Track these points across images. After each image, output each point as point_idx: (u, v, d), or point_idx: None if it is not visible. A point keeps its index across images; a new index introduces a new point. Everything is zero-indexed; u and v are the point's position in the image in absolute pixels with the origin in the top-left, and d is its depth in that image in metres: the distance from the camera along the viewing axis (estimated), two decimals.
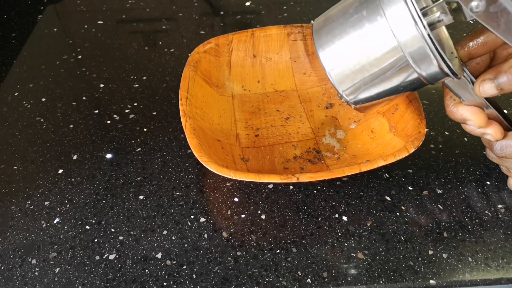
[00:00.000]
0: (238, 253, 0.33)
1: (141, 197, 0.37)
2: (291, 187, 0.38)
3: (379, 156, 0.35)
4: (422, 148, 0.39)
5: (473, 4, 0.25)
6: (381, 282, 0.31)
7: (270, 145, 0.41)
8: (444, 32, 0.33)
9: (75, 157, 0.41)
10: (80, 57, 0.54)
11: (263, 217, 0.35)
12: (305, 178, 0.32)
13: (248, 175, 0.32)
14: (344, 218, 0.35)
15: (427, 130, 0.42)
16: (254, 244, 0.33)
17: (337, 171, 0.32)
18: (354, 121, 0.43)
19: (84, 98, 0.47)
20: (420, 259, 0.32)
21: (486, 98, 0.31)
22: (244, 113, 0.44)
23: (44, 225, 0.35)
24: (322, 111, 0.45)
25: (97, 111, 0.46)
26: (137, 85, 0.49)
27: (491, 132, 0.32)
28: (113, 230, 0.34)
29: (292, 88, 0.47)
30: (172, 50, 0.55)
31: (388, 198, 0.37)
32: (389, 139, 0.38)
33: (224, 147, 0.39)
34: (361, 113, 0.42)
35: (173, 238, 0.34)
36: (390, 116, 0.39)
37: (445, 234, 0.34)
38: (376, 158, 0.34)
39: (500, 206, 0.36)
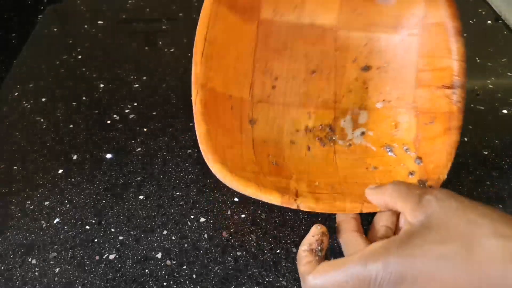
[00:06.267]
0: (238, 253, 0.33)
1: (141, 197, 0.37)
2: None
3: (389, 178, 0.32)
4: None
5: None
6: None
7: (285, 105, 0.36)
8: None
9: (75, 157, 0.41)
10: (80, 57, 0.54)
11: (263, 216, 0.35)
12: (305, 207, 0.29)
13: (248, 185, 0.30)
14: None
15: None
16: (254, 244, 0.33)
17: (338, 205, 0.30)
18: (384, 100, 0.37)
19: (84, 98, 0.47)
20: None
21: None
22: (267, 50, 0.37)
23: (44, 225, 0.35)
24: (356, 70, 0.37)
25: (97, 111, 0.46)
26: (137, 85, 0.49)
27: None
28: (113, 230, 0.34)
29: (332, 24, 0.38)
30: (172, 50, 0.55)
31: None
32: (404, 153, 0.34)
33: (234, 107, 0.35)
34: (393, 95, 0.36)
35: (173, 238, 0.34)
36: (422, 124, 0.34)
37: None
38: (383, 175, 0.32)
39: (500, 206, 0.36)
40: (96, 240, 0.34)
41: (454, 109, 0.32)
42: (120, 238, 0.34)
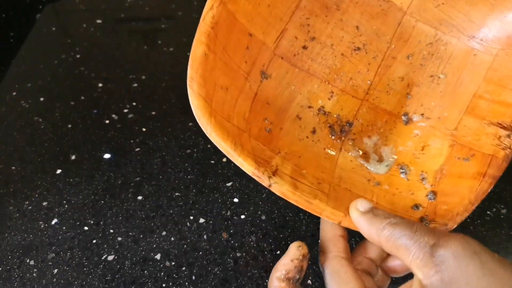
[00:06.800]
0: (238, 254, 0.33)
1: (140, 197, 0.37)
2: None
3: (388, 201, 0.28)
4: None
5: None
6: None
7: (308, 73, 0.31)
8: None
9: (73, 157, 0.40)
10: (78, 56, 0.53)
11: (263, 217, 0.35)
12: (277, 189, 0.24)
13: (224, 139, 0.24)
14: None
15: None
16: (254, 245, 0.33)
17: (316, 204, 0.25)
18: (423, 114, 0.31)
19: (82, 97, 0.47)
20: None
21: None
22: (316, 3, 0.31)
23: (42, 226, 0.35)
24: (405, 68, 0.31)
25: (95, 111, 0.45)
26: (136, 85, 0.49)
27: None
28: (111, 231, 0.34)
29: (402, 4, 0.32)
30: (172, 49, 0.54)
31: None
32: (419, 181, 0.29)
33: (251, 48, 0.29)
34: (435, 113, 0.30)
35: (172, 239, 0.34)
36: (455, 157, 0.28)
37: None
38: (383, 199, 0.27)
39: (501, 206, 0.36)
40: (94, 241, 0.33)
41: (500, 155, 0.26)
42: (119, 239, 0.34)
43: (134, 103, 0.46)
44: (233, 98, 0.28)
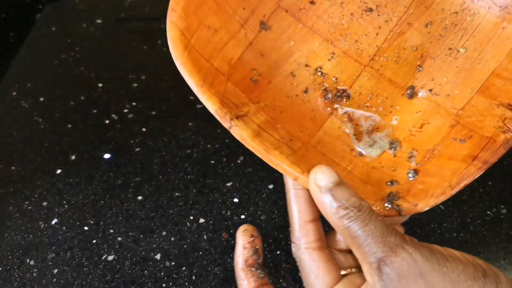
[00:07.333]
0: None
1: (139, 197, 0.37)
2: None
3: (364, 173, 0.26)
4: None
5: None
6: None
7: (312, 30, 0.29)
8: None
9: (73, 157, 0.40)
10: (78, 56, 0.53)
11: (263, 217, 0.35)
12: (236, 133, 0.23)
13: (193, 75, 0.24)
14: None
15: None
16: None
17: (274, 155, 0.23)
18: (431, 90, 0.27)
19: (82, 98, 0.47)
20: None
21: None
22: None
23: (42, 226, 0.35)
24: (421, 37, 0.28)
25: (95, 111, 0.45)
26: (136, 85, 0.49)
27: None
28: (111, 231, 0.34)
29: None
30: None
31: None
32: (405, 159, 0.26)
33: None
34: (446, 90, 0.27)
35: (172, 239, 0.34)
36: (451, 137, 0.26)
37: (446, 235, 0.33)
38: (357, 172, 0.25)
39: (502, 206, 0.36)
40: (94, 241, 0.33)
41: (499, 139, 0.24)
42: (119, 239, 0.34)
43: (134, 103, 0.46)
44: (221, 41, 0.27)
